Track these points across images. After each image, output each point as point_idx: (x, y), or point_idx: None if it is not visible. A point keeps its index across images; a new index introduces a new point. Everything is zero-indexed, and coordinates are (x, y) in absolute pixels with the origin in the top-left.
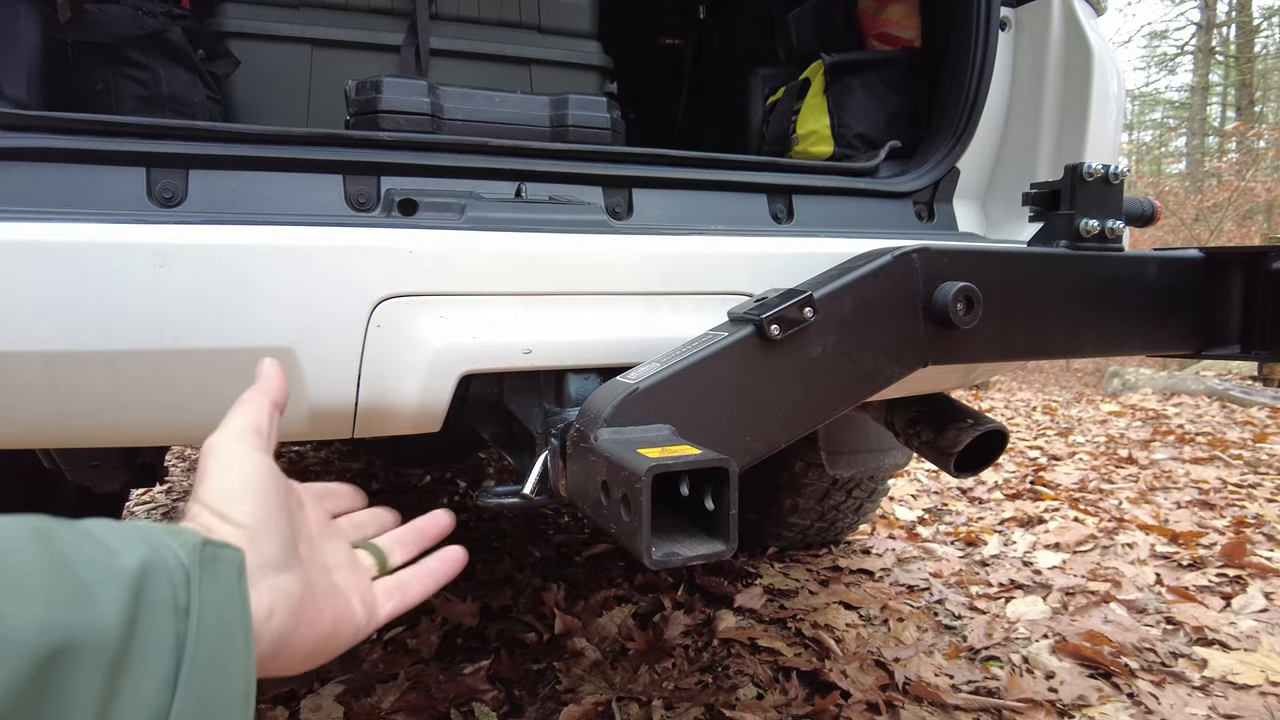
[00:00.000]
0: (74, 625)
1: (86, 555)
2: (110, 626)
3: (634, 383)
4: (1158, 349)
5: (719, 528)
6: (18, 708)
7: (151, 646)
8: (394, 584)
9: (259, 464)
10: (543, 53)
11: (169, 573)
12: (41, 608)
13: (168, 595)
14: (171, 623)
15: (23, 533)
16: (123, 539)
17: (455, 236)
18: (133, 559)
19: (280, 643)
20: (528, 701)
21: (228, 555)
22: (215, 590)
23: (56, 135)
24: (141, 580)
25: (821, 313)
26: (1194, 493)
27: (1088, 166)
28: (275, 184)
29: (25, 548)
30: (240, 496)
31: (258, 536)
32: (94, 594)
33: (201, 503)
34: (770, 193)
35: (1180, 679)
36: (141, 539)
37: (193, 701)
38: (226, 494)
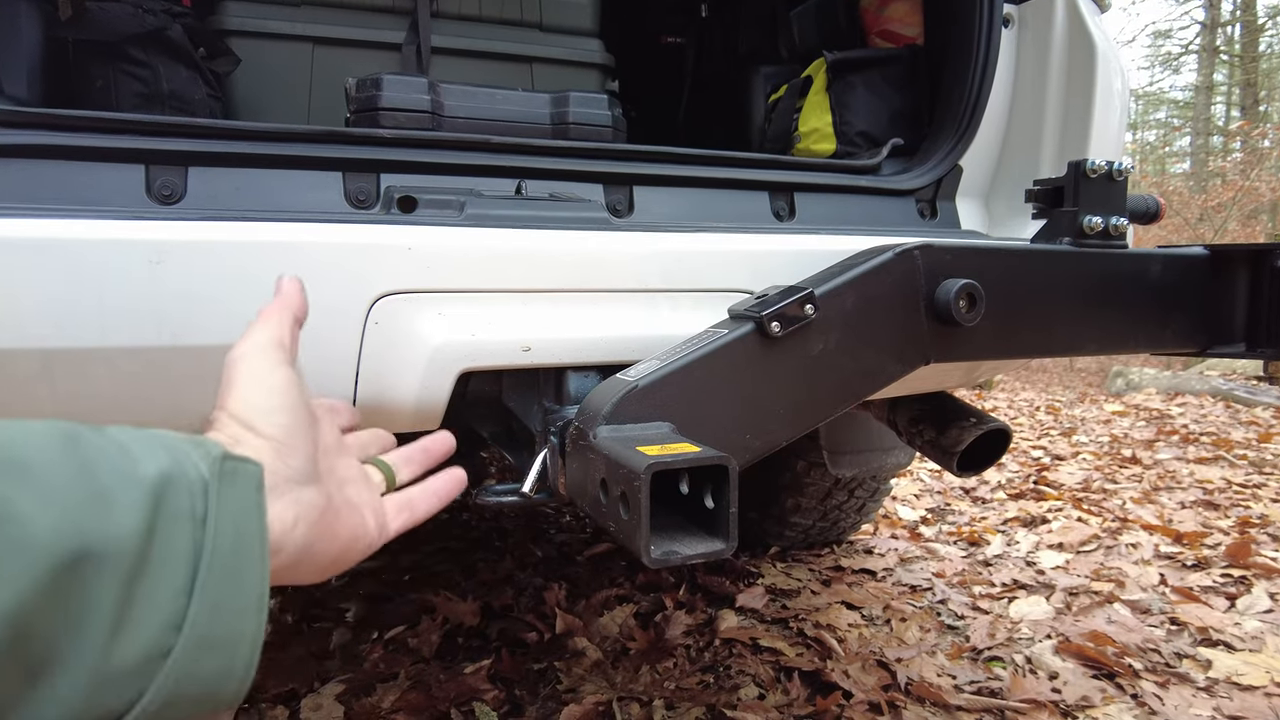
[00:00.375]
0: (93, 531)
1: (109, 461)
2: (128, 534)
3: (633, 380)
4: (1162, 347)
5: (719, 526)
6: (36, 611)
7: (169, 554)
8: (402, 499)
9: (286, 377)
10: (544, 51)
11: (188, 483)
12: (61, 513)
13: (186, 505)
14: (189, 531)
15: (50, 436)
16: (146, 447)
17: (453, 233)
18: (153, 467)
19: (303, 553)
20: (528, 701)
21: (246, 469)
22: (233, 502)
23: (56, 132)
24: (161, 489)
25: (823, 310)
26: (1198, 493)
27: (1091, 163)
28: (275, 181)
29: (51, 452)
30: (269, 410)
31: (284, 450)
32: (114, 501)
33: (230, 414)
34: (772, 190)
35: (1185, 680)
36: (164, 447)
37: (207, 607)
38: (254, 407)
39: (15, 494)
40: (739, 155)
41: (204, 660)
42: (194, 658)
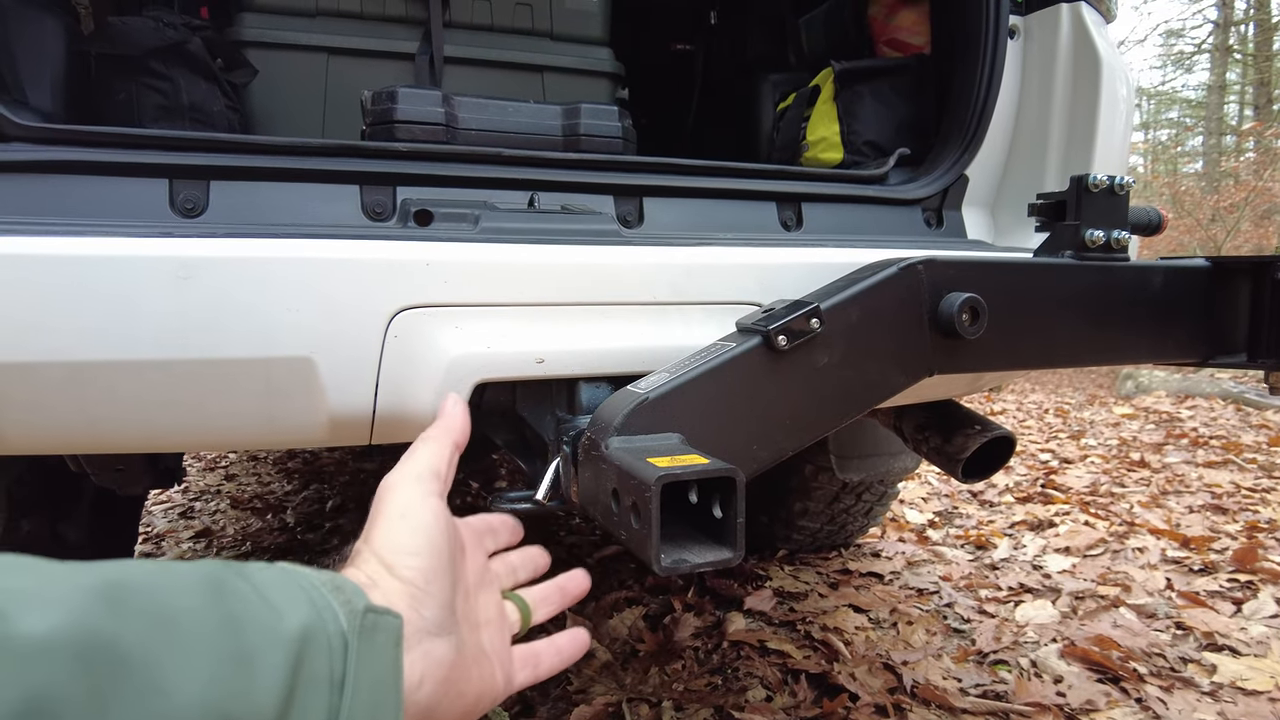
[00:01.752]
0: (235, 699)
1: (253, 615)
2: (270, 703)
3: (644, 392)
4: (1164, 358)
5: (727, 535)
6: None
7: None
8: (529, 653)
9: (434, 512)
10: (555, 60)
11: (328, 640)
12: (205, 681)
13: (325, 668)
14: (326, 697)
15: (197, 586)
16: (288, 596)
17: (469, 249)
18: (295, 621)
19: (426, 713)
20: (539, 701)
21: (387, 624)
22: (372, 663)
23: (83, 148)
24: (302, 648)
25: (828, 323)
26: (1206, 497)
27: (1093, 178)
28: (294, 194)
29: (197, 603)
30: (411, 550)
31: (420, 597)
32: (256, 664)
33: (372, 549)
34: (779, 200)
35: (1189, 684)
36: (307, 596)
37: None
38: (397, 545)
39: (162, 657)
40: (747, 166)
41: None
42: None
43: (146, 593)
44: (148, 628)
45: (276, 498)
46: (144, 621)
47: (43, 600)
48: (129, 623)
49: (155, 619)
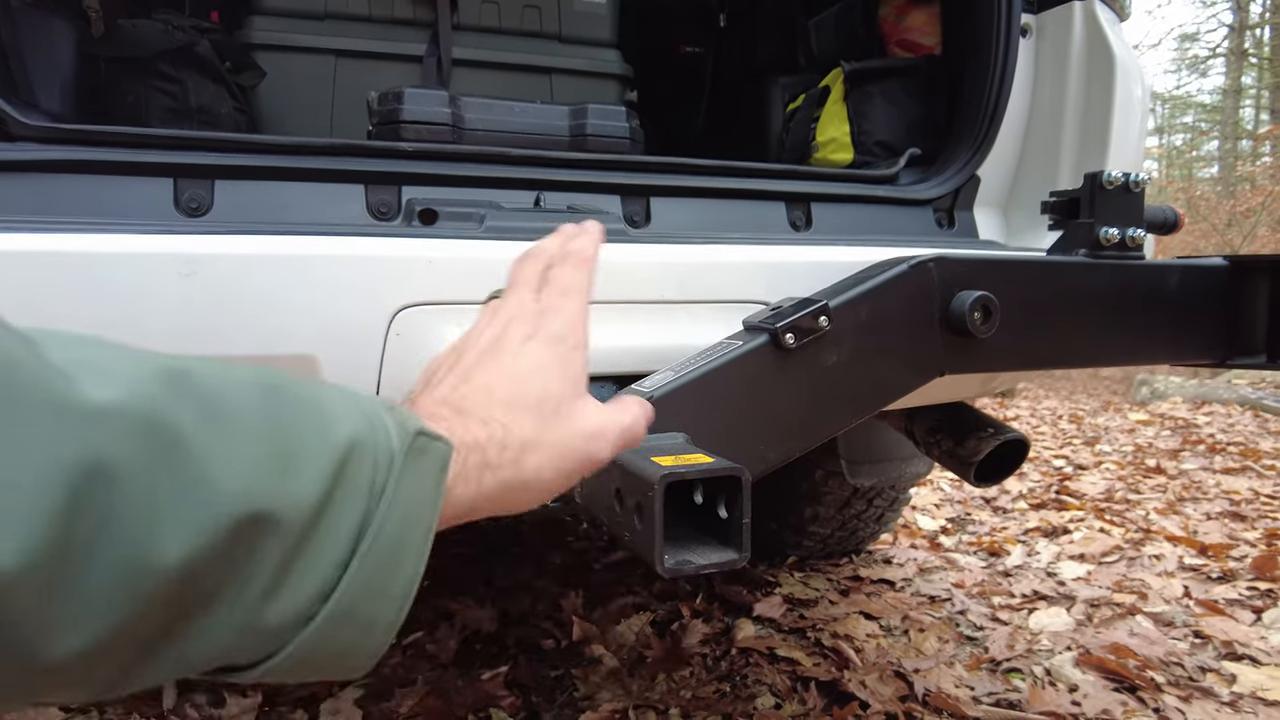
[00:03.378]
0: (275, 495)
1: (305, 419)
2: (307, 500)
3: (648, 391)
4: (1181, 359)
5: (732, 537)
6: (204, 565)
7: (338, 523)
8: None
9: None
10: (563, 62)
11: (375, 452)
12: (249, 473)
13: (368, 475)
14: (363, 503)
15: (254, 385)
16: (344, 407)
17: (473, 246)
18: (346, 430)
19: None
20: (545, 708)
21: (437, 449)
22: (413, 482)
23: (88, 148)
24: (348, 455)
25: (837, 322)
26: (1225, 504)
27: (1108, 175)
28: (299, 194)
29: (250, 401)
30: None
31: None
32: (301, 464)
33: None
34: (789, 200)
35: (1208, 694)
36: (360, 409)
37: (358, 586)
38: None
39: (212, 445)
40: (755, 166)
41: (339, 635)
42: (332, 630)
43: (205, 383)
44: (203, 416)
45: None
46: (200, 409)
47: (109, 372)
48: (186, 408)
49: (211, 409)
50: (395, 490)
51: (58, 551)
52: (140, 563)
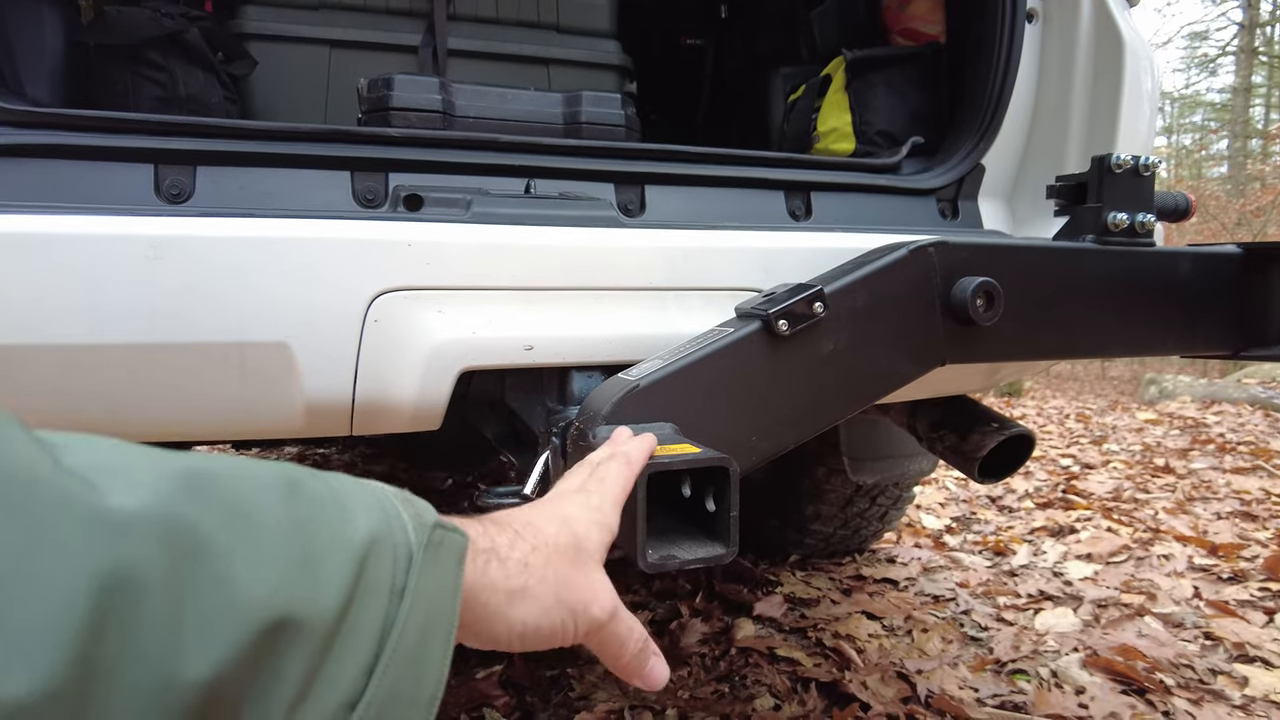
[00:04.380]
0: (299, 599)
1: (325, 518)
2: (331, 605)
3: (634, 380)
4: (1192, 349)
5: (719, 530)
6: (232, 678)
7: (361, 627)
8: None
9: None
10: (561, 52)
11: (394, 549)
12: (274, 577)
13: (388, 575)
14: (385, 605)
15: (274, 484)
16: (362, 503)
17: (453, 230)
18: (365, 528)
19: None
20: (540, 707)
21: (453, 541)
22: (434, 578)
23: (66, 132)
24: (367, 554)
25: (833, 308)
26: (1235, 503)
27: (1116, 158)
28: (283, 180)
29: (271, 500)
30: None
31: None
32: (322, 565)
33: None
34: (788, 189)
35: (1219, 697)
36: (379, 503)
37: (385, 691)
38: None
39: (236, 548)
40: (754, 154)
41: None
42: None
43: (227, 484)
44: (226, 518)
45: None
46: (223, 512)
47: (131, 479)
48: (209, 511)
49: (233, 511)
50: (416, 588)
51: (82, 674)
52: (168, 679)
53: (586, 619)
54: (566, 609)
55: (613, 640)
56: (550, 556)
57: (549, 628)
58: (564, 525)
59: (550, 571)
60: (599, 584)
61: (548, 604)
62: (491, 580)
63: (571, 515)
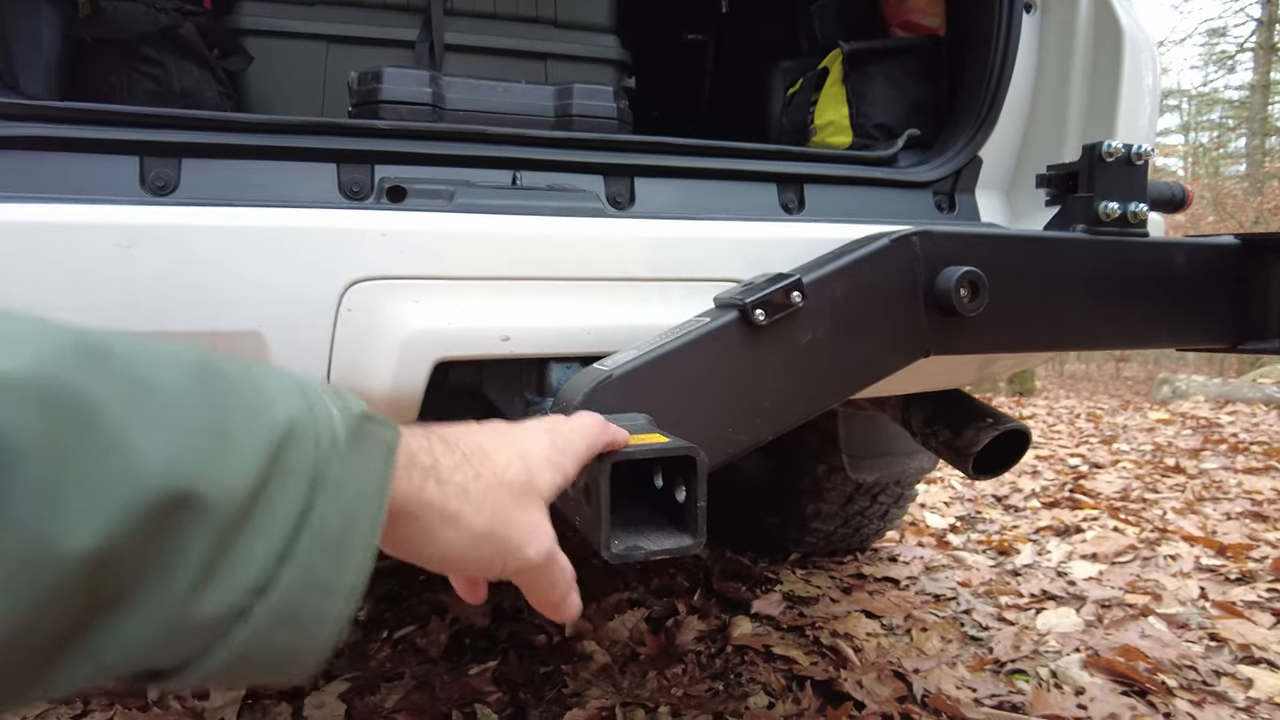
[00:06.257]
0: (205, 475)
1: (240, 399)
2: (239, 484)
3: (608, 370)
4: (1188, 342)
5: (688, 521)
6: (124, 549)
7: (274, 511)
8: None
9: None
10: (559, 47)
11: (315, 436)
12: (176, 449)
13: (308, 461)
14: (304, 491)
15: (184, 362)
16: (282, 387)
17: (428, 219)
18: (284, 411)
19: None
20: (532, 704)
21: (383, 435)
22: (359, 468)
23: (51, 124)
24: (286, 437)
25: (812, 298)
26: (1246, 504)
27: (1107, 146)
28: (269, 173)
29: (180, 376)
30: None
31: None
32: (233, 443)
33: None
34: (780, 182)
35: (1223, 699)
36: (301, 391)
37: (298, 579)
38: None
39: (131, 418)
40: (745, 146)
41: (280, 633)
42: (271, 628)
43: (124, 356)
44: (121, 389)
45: None
46: (118, 383)
47: (14, 342)
48: (101, 381)
49: (131, 383)
50: (339, 477)
51: None
52: (42, 548)
53: (518, 559)
54: (496, 545)
55: (544, 581)
56: (493, 487)
57: (474, 560)
58: (518, 458)
59: (489, 503)
60: (539, 526)
61: (478, 536)
62: (427, 499)
63: (528, 450)
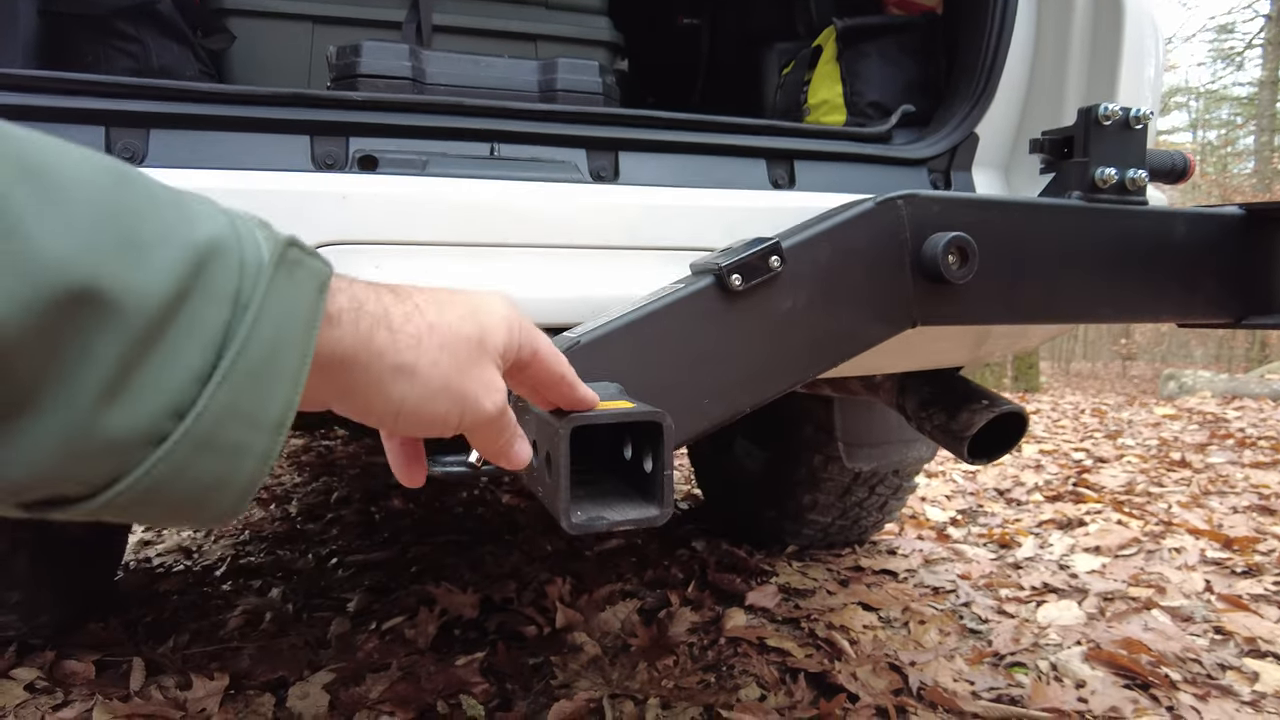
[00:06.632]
0: (111, 274)
1: (159, 210)
2: (152, 291)
3: (575, 337)
4: (1189, 316)
5: (654, 490)
6: (24, 342)
7: (193, 330)
8: None
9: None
10: (549, 28)
11: (240, 260)
12: (79, 242)
13: (231, 284)
14: (226, 314)
15: (96, 164)
16: (206, 210)
17: (391, 182)
18: (206, 231)
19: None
20: (519, 696)
21: (313, 266)
22: (286, 297)
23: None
24: (207, 255)
25: (791, 263)
26: (1253, 498)
27: (1104, 109)
28: (240, 144)
29: (89, 175)
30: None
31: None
32: (147, 249)
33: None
34: (770, 158)
35: (1227, 693)
36: (228, 218)
37: (220, 405)
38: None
39: (29, 205)
40: (734, 120)
41: (199, 463)
42: (188, 457)
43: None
44: (20, 175)
45: (285, 489)
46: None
47: None
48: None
49: (31, 170)
50: (264, 301)
51: None
52: None
53: (475, 411)
54: (454, 398)
55: (494, 431)
56: (448, 339)
57: (430, 414)
58: (471, 314)
59: (444, 355)
60: (493, 380)
61: (434, 388)
62: (377, 347)
63: (485, 307)
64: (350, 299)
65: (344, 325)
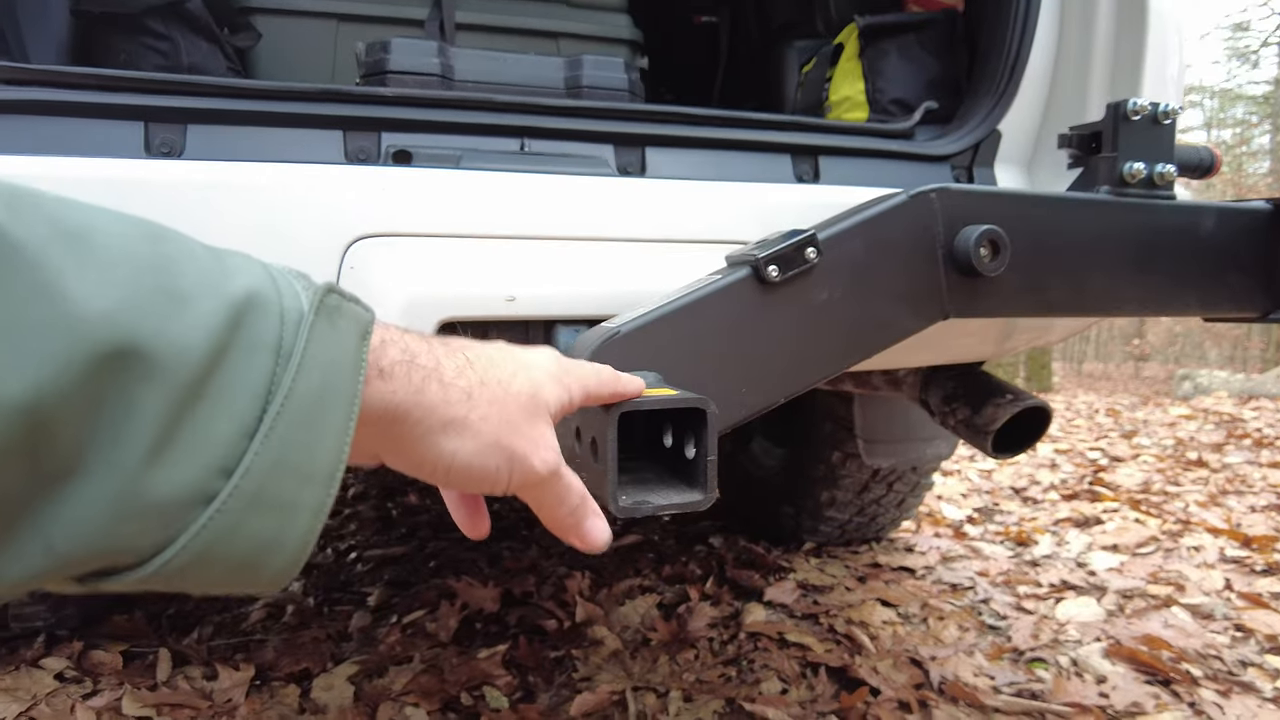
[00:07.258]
0: (152, 330)
1: (196, 265)
2: (193, 344)
3: (615, 327)
4: (1215, 310)
5: (697, 476)
6: (63, 403)
7: (237, 384)
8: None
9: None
10: (571, 26)
11: (280, 310)
12: (119, 299)
13: (272, 334)
14: (269, 365)
15: (130, 222)
16: (243, 263)
17: (434, 175)
18: (243, 284)
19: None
20: (542, 688)
21: (354, 312)
22: (329, 345)
23: (56, 89)
24: (246, 306)
25: (827, 255)
26: (1271, 497)
27: (1132, 104)
28: (275, 139)
29: (125, 235)
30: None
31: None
32: (186, 305)
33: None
34: (795, 153)
35: (1249, 689)
36: (264, 269)
37: (269, 460)
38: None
39: (67, 264)
40: (760, 116)
41: (251, 522)
42: (240, 515)
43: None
44: (56, 235)
45: None
46: (53, 229)
47: None
48: (32, 225)
49: (67, 230)
50: (307, 349)
51: None
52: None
53: (524, 470)
54: (505, 454)
55: (551, 496)
56: (499, 395)
57: (481, 469)
58: (522, 370)
59: (495, 410)
60: (545, 438)
61: (486, 443)
62: (429, 401)
63: (533, 363)
64: (402, 351)
65: (397, 378)
